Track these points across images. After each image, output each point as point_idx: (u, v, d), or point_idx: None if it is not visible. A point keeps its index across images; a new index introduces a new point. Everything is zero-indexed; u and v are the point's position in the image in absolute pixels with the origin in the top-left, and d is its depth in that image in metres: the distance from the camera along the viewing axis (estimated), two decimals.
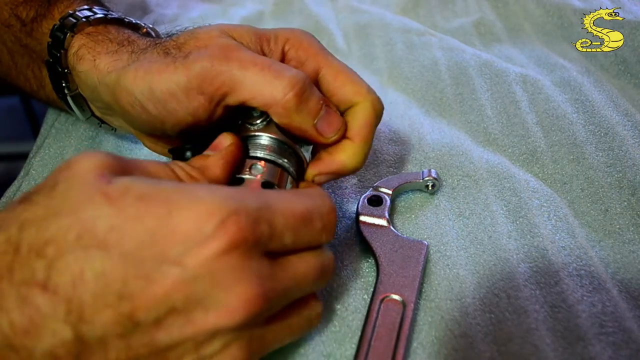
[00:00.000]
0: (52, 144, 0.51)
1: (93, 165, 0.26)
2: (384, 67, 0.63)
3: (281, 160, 0.35)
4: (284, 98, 0.33)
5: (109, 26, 0.41)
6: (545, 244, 0.41)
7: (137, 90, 0.34)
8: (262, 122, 0.35)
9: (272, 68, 0.33)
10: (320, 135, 0.35)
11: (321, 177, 0.36)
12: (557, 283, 0.38)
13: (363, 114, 0.36)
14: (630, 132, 0.51)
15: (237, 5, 0.78)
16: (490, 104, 0.56)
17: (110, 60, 0.37)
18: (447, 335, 0.35)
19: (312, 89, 0.34)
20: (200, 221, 0.25)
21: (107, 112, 0.43)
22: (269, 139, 0.35)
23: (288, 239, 0.28)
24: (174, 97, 0.34)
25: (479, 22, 0.72)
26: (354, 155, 0.36)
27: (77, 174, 0.26)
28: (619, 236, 0.42)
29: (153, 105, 0.35)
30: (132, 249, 0.24)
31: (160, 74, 0.34)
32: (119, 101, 0.36)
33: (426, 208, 0.44)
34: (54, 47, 0.40)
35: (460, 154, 0.49)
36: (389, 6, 0.78)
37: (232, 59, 0.33)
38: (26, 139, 1.23)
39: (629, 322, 0.35)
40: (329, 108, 0.35)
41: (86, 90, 0.41)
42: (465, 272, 0.39)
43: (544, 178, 0.48)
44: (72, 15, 0.41)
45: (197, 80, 0.33)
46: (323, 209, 0.30)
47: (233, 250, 0.25)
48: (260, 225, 0.26)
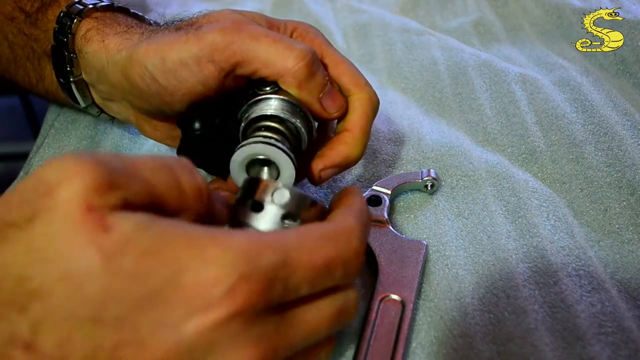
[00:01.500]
0: (52, 144, 0.51)
1: (79, 191, 0.21)
2: (383, 67, 0.63)
3: (294, 120, 0.36)
4: (295, 67, 0.34)
5: (117, 13, 0.42)
6: (545, 243, 0.41)
7: (149, 62, 0.35)
8: (272, 89, 0.36)
9: (283, 40, 0.35)
10: (324, 110, 0.36)
11: (327, 171, 0.38)
12: (556, 283, 0.38)
13: (360, 104, 0.38)
14: (630, 132, 0.51)
15: (236, 5, 0.78)
16: (489, 103, 0.56)
17: (120, 40, 0.38)
18: (446, 335, 0.35)
19: (319, 63, 0.36)
20: (207, 286, 0.22)
21: (109, 96, 0.43)
22: (281, 100, 0.36)
23: (303, 291, 0.25)
24: (185, 66, 0.35)
25: (478, 21, 0.72)
26: (355, 146, 0.37)
27: (60, 205, 0.21)
28: (618, 236, 0.42)
29: (163, 76, 0.35)
30: (127, 312, 0.21)
31: (172, 45, 0.35)
32: (129, 76, 0.37)
33: (425, 208, 0.44)
34: (61, 32, 0.41)
35: (459, 153, 0.49)
36: (388, 6, 0.78)
37: (244, 30, 0.35)
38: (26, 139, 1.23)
39: (628, 322, 0.35)
40: (332, 86, 0.37)
41: (92, 73, 0.41)
42: (464, 272, 0.39)
43: (543, 178, 0.48)
44: (79, 2, 0.42)
45: (209, 49, 0.34)
46: (347, 254, 0.26)
47: (238, 316, 0.22)
48: (275, 286, 0.23)
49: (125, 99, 0.41)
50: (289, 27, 0.40)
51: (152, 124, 0.42)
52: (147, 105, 0.39)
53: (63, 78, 0.43)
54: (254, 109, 0.36)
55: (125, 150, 0.50)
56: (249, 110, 0.37)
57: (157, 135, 0.43)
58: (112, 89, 0.41)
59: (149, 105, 0.39)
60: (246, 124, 0.37)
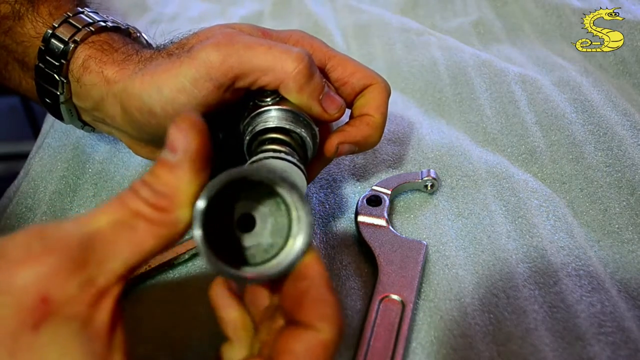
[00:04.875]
0: (52, 144, 0.51)
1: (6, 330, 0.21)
2: (383, 67, 0.63)
3: (299, 130, 0.35)
4: (295, 70, 0.34)
5: (112, 34, 0.40)
6: (544, 243, 0.41)
7: (145, 94, 0.35)
8: (272, 100, 0.36)
9: (278, 46, 0.35)
10: (325, 111, 0.36)
11: (344, 146, 0.38)
12: (556, 283, 0.38)
13: (379, 92, 0.39)
14: (629, 132, 0.51)
15: (236, 5, 0.78)
16: (489, 103, 0.56)
17: (117, 70, 0.37)
18: (446, 335, 0.35)
19: (315, 65, 0.36)
20: None
21: (102, 121, 0.42)
22: (283, 111, 0.36)
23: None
24: (182, 91, 0.34)
25: (478, 22, 0.72)
26: (376, 128, 0.39)
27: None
28: (617, 236, 0.42)
29: (161, 107, 0.34)
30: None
31: (167, 72, 0.34)
32: (127, 109, 0.36)
33: (425, 208, 0.44)
34: (50, 54, 0.39)
35: (459, 154, 0.49)
36: (388, 6, 0.78)
37: (237, 42, 0.34)
38: (26, 139, 1.23)
39: (627, 321, 0.35)
40: (329, 87, 0.37)
41: (89, 101, 0.39)
42: (464, 272, 0.39)
43: (543, 178, 0.48)
44: (70, 21, 0.39)
45: (204, 68, 0.33)
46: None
47: None
48: None
49: (121, 129, 0.40)
50: (283, 34, 0.39)
51: (148, 148, 0.42)
52: (145, 135, 0.39)
53: (49, 98, 0.40)
54: (256, 122, 0.36)
55: (124, 149, 0.49)
56: (252, 123, 0.36)
57: (154, 157, 0.42)
58: (110, 119, 0.39)
59: (148, 135, 0.38)
60: (251, 138, 0.36)
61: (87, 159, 0.49)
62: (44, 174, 0.47)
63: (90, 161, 0.49)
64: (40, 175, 0.47)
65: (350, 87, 0.39)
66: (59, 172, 0.47)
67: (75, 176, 0.47)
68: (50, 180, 0.47)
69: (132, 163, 0.48)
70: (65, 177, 0.47)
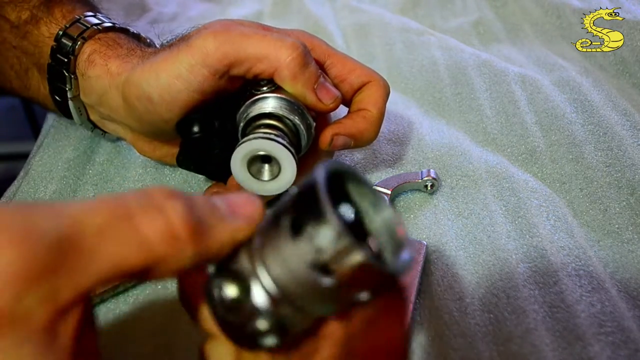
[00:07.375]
0: (52, 144, 0.51)
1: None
2: (383, 67, 0.63)
3: (292, 117, 0.36)
4: (289, 58, 0.34)
5: (118, 33, 0.42)
6: (544, 243, 0.41)
7: (143, 81, 0.36)
8: (268, 89, 0.36)
9: (273, 35, 0.35)
10: (319, 101, 0.37)
11: (339, 138, 0.38)
12: (556, 283, 0.38)
13: (377, 88, 0.40)
14: (629, 132, 0.51)
15: (236, 5, 0.79)
16: (489, 103, 0.56)
17: (120, 63, 0.38)
18: (446, 335, 0.35)
19: (311, 55, 0.37)
20: None
21: (108, 117, 0.43)
22: (278, 98, 0.36)
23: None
24: (179, 77, 0.35)
25: (477, 21, 0.72)
26: (372, 124, 0.39)
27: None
28: (617, 236, 0.42)
29: (158, 94, 0.35)
30: None
31: (166, 60, 0.35)
32: (127, 99, 0.37)
33: (425, 208, 0.44)
34: (60, 52, 0.41)
35: (459, 154, 0.49)
36: (388, 6, 0.78)
37: (233, 30, 0.35)
38: (26, 139, 1.23)
39: (627, 321, 0.35)
40: (325, 78, 0.38)
41: (92, 95, 0.41)
42: (464, 272, 0.39)
43: (543, 178, 0.48)
44: (80, 22, 0.41)
45: (200, 54, 0.34)
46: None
47: None
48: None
49: (124, 122, 0.41)
50: (283, 32, 0.40)
51: (152, 145, 0.43)
52: (147, 127, 0.39)
53: (59, 96, 0.42)
54: (251, 109, 0.37)
55: (124, 150, 0.50)
56: (247, 110, 0.37)
57: (156, 154, 0.43)
58: (113, 112, 0.41)
59: (149, 126, 0.39)
60: (245, 123, 0.37)
61: (87, 159, 0.49)
62: (44, 174, 0.47)
63: (91, 162, 0.49)
64: (40, 175, 0.47)
65: (349, 84, 0.40)
66: (59, 172, 0.47)
67: (75, 176, 0.47)
68: (51, 180, 0.47)
69: (132, 164, 0.48)
70: (66, 177, 0.47)
